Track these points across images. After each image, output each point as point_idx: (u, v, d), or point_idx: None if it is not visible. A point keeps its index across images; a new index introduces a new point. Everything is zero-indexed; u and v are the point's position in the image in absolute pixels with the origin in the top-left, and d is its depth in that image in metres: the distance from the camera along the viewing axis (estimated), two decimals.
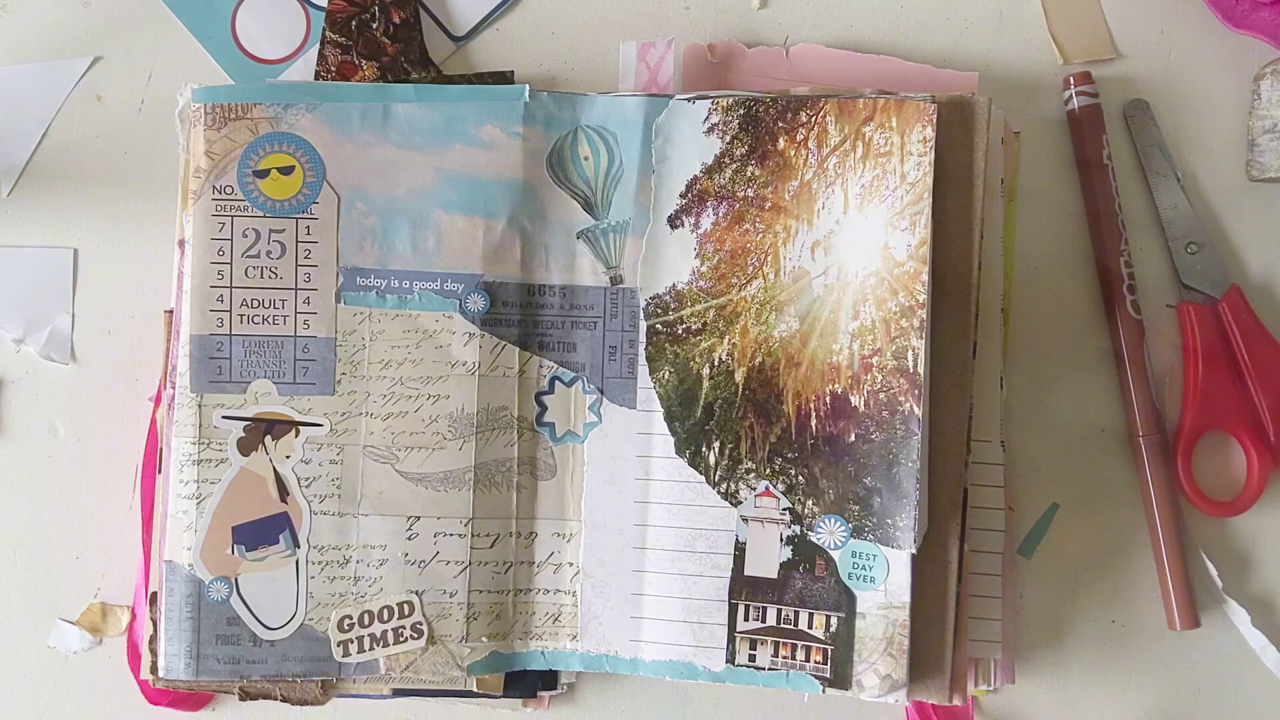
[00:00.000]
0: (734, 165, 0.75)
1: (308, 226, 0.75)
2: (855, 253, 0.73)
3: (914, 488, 0.71)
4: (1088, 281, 0.81)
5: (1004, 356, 0.77)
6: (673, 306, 0.76)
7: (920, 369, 0.71)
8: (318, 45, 0.80)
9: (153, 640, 0.75)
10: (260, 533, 0.74)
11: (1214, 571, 0.79)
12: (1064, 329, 0.80)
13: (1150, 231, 0.81)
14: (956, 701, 0.74)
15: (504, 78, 0.80)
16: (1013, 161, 0.79)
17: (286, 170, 0.75)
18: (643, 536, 0.76)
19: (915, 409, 0.71)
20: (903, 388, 0.72)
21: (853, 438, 0.73)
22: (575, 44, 0.81)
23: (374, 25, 0.79)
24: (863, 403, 0.73)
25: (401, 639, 0.75)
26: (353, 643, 0.75)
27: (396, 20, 0.79)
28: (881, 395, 0.72)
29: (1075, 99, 0.80)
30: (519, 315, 0.76)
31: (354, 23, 0.79)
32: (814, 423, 0.74)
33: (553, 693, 0.78)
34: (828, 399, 0.74)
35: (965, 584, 0.74)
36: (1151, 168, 0.80)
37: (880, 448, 0.72)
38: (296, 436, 0.75)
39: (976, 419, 0.75)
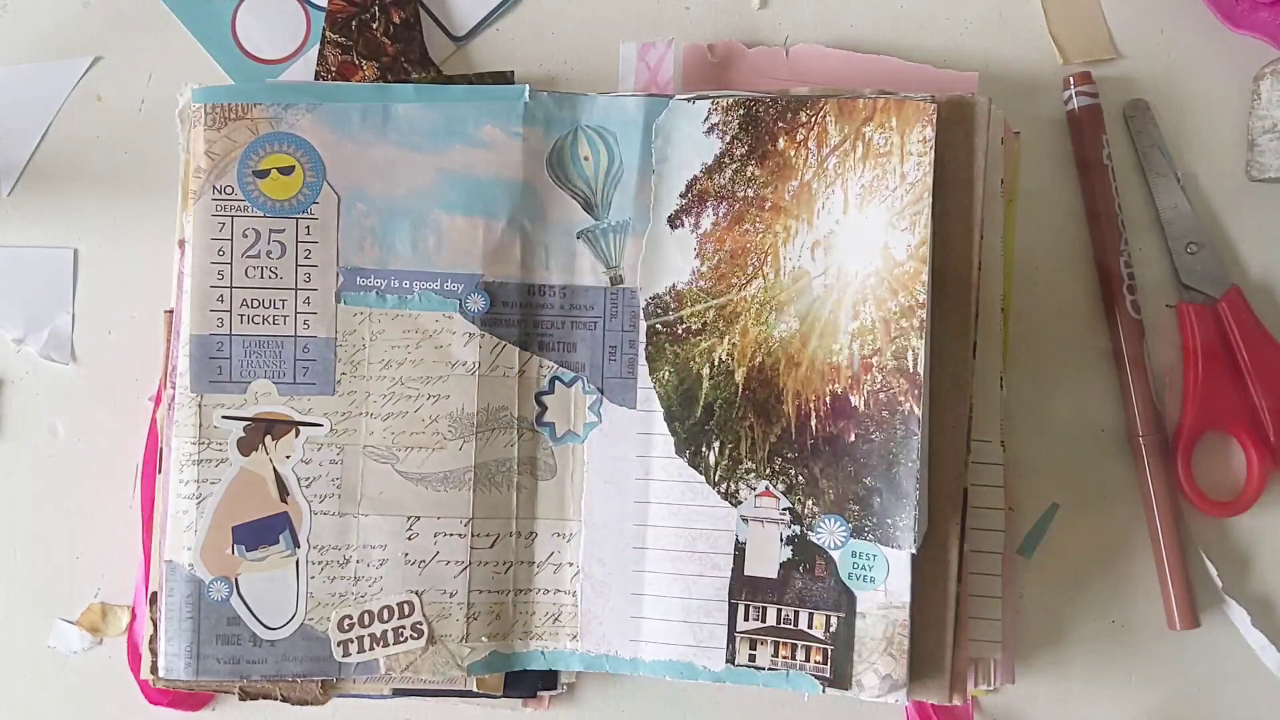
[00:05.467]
0: (734, 165, 0.75)
1: (308, 226, 0.75)
2: (855, 253, 0.73)
3: (914, 488, 0.71)
4: (1088, 281, 0.80)
5: (1004, 356, 0.77)
6: (673, 306, 0.76)
7: (920, 369, 0.71)
8: (318, 45, 0.80)
9: (153, 640, 0.75)
10: (260, 533, 0.74)
11: (1214, 571, 0.79)
12: (1064, 329, 0.80)
13: (1150, 231, 0.81)
14: (956, 701, 0.74)
15: (504, 78, 0.80)
16: (1013, 161, 0.79)
17: (286, 170, 0.75)
18: (643, 536, 0.76)
19: (915, 409, 0.71)
20: (902, 388, 0.72)
21: (852, 437, 0.73)
22: (575, 44, 0.81)
23: (374, 25, 0.79)
24: (863, 402, 0.73)
25: (402, 639, 0.75)
26: (353, 642, 0.74)
27: (396, 20, 0.79)
28: (881, 395, 0.72)
29: (1075, 99, 0.80)
30: (519, 315, 0.76)
31: (354, 23, 0.79)
32: (814, 423, 0.74)
33: (552, 693, 0.78)
34: (828, 399, 0.74)
35: (965, 584, 0.74)
36: (1151, 168, 0.80)
37: (880, 448, 0.72)
38: (296, 436, 0.75)
39: (976, 419, 0.75)
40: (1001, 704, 0.80)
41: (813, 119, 0.74)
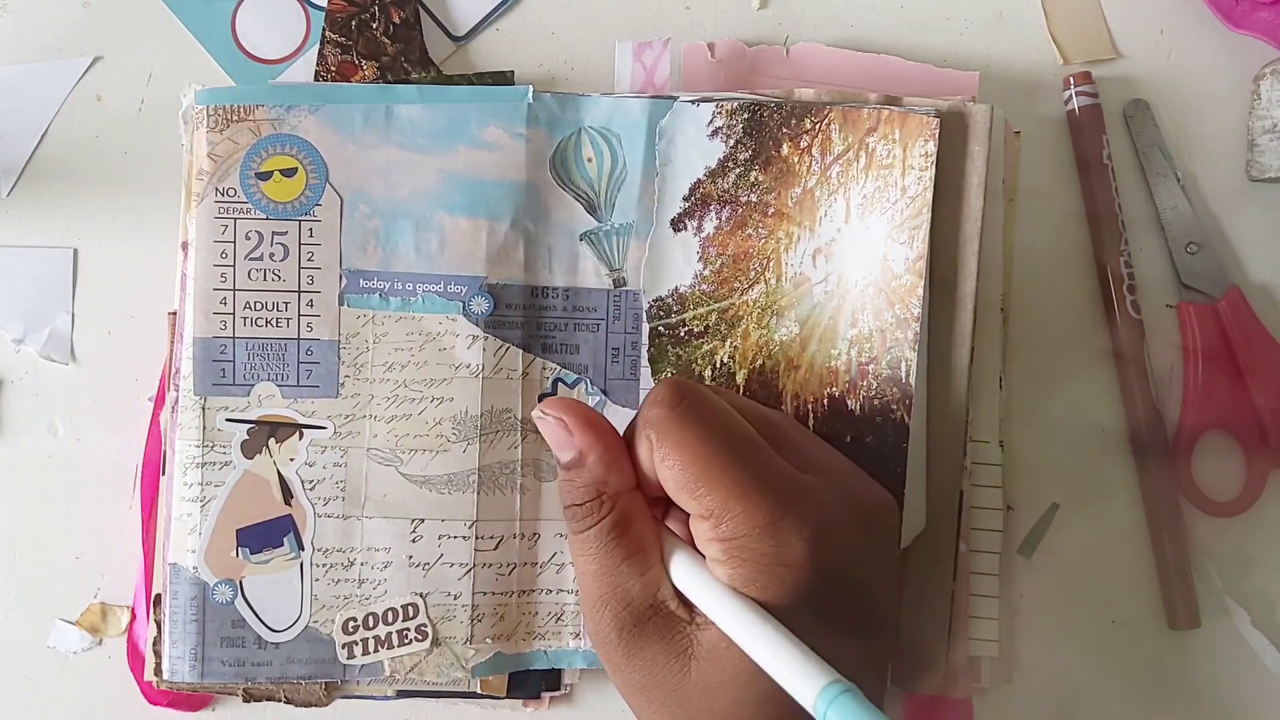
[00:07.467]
0: (737, 170, 0.75)
1: (311, 229, 0.75)
2: (855, 262, 0.73)
3: (902, 490, 0.72)
4: (1088, 281, 0.81)
5: (1003, 356, 0.77)
6: (675, 309, 0.76)
7: (912, 380, 0.71)
8: (318, 45, 0.79)
9: (156, 642, 0.75)
10: (264, 535, 0.74)
11: (1214, 571, 0.79)
12: (1064, 329, 0.81)
13: (1150, 231, 0.81)
14: (954, 701, 0.74)
15: (504, 78, 0.80)
16: (1013, 161, 0.79)
17: (289, 172, 0.74)
18: None
19: (906, 419, 0.71)
20: (895, 396, 0.72)
21: (848, 439, 0.73)
22: (575, 44, 0.81)
23: (374, 25, 0.79)
24: (858, 407, 0.73)
25: (406, 641, 0.75)
26: (357, 645, 0.75)
27: (396, 20, 0.79)
28: (876, 402, 0.72)
29: (1075, 99, 0.80)
30: (522, 317, 0.76)
31: (354, 23, 0.79)
32: (811, 424, 0.74)
33: (554, 693, 0.78)
34: (825, 401, 0.74)
35: (963, 583, 0.75)
36: (1151, 168, 0.80)
37: (873, 450, 0.72)
38: (300, 439, 0.74)
39: (975, 419, 0.75)
40: (1000, 704, 0.80)
41: (817, 126, 0.74)
